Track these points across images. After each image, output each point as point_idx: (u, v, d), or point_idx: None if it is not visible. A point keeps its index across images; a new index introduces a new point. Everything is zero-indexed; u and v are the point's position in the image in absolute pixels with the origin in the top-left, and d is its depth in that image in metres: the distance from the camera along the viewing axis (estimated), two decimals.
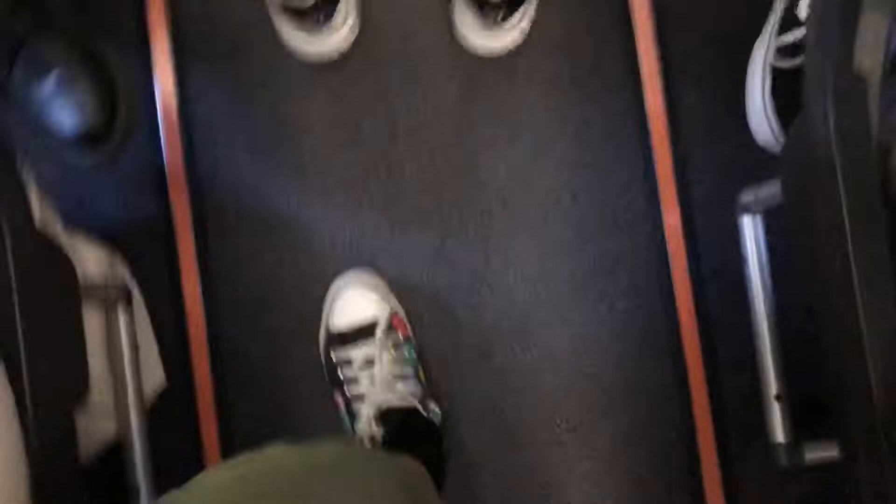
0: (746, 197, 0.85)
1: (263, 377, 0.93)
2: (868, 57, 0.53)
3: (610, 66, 0.93)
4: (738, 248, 0.88)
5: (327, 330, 0.90)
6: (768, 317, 0.87)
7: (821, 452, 0.85)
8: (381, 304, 0.89)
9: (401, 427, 0.84)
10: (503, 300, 0.94)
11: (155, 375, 0.91)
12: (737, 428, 0.94)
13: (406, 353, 0.89)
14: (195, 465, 0.92)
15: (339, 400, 0.89)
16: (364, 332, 0.88)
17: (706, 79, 0.93)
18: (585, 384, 0.94)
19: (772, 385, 0.87)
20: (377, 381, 0.85)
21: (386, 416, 0.84)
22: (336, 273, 0.93)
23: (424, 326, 0.93)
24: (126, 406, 0.85)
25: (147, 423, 0.86)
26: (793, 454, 0.86)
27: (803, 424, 0.88)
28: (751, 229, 0.86)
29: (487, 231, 0.94)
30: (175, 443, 0.92)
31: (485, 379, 0.94)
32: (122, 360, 0.85)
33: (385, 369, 0.86)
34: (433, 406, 0.88)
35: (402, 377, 0.87)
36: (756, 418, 0.90)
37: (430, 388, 0.91)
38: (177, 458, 0.92)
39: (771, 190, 0.79)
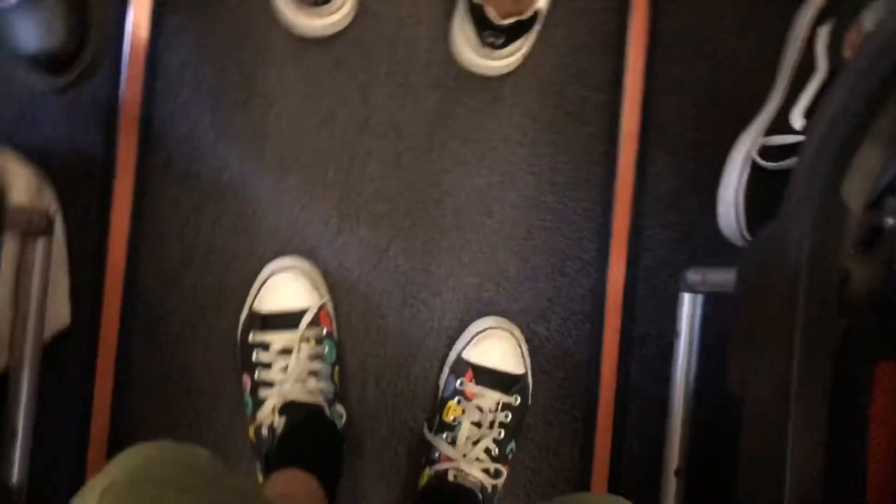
0: (693, 276, 0.86)
1: (172, 338, 0.90)
2: (857, 186, 0.53)
3: (591, 117, 0.93)
4: (672, 322, 0.90)
5: (251, 309, 0.87)
6: (686, 394, 0.88)
7: None
8: (314, 294, 0.87)
9: (302, 423, 0.82)
10: (435, 319, 0.92)
11: (60, 314, 0.86)
12: (630, 493, 0.95)
13: (325, 350, 0.86)
14: (82, 419, 0.88)
15: (247, 381, 0.86)
16: (289, 320, 0.85)
17: (680, 151, 0.94)
18: None
19: (674, 460, 0.88)
20: (290, 372, 0.83)
21: (290, 408, 0.82)
22: (273, 253, 0.90)
23: (350, 327, 0.91)
24: (22, 341, 0.80)
25: (39, 364, 0.81)
26: None
27: (695, 498, 0.90)
28: (690, 307, 0.88)
29: (435, 247, 0.92)
30: (65, 390, 0.87)
31: (397, 392, 0.92)
32: (29, 292, 0.80)
33: (301, 361, 0.84)
34: (339, 408, 0.86)
35: (316, 373, 0.85)
36: (650, 485, 0.91)
37: (340, 390, 0.89)
38: (65, 407, 0.87)
39: (721, 277, 0.80)
